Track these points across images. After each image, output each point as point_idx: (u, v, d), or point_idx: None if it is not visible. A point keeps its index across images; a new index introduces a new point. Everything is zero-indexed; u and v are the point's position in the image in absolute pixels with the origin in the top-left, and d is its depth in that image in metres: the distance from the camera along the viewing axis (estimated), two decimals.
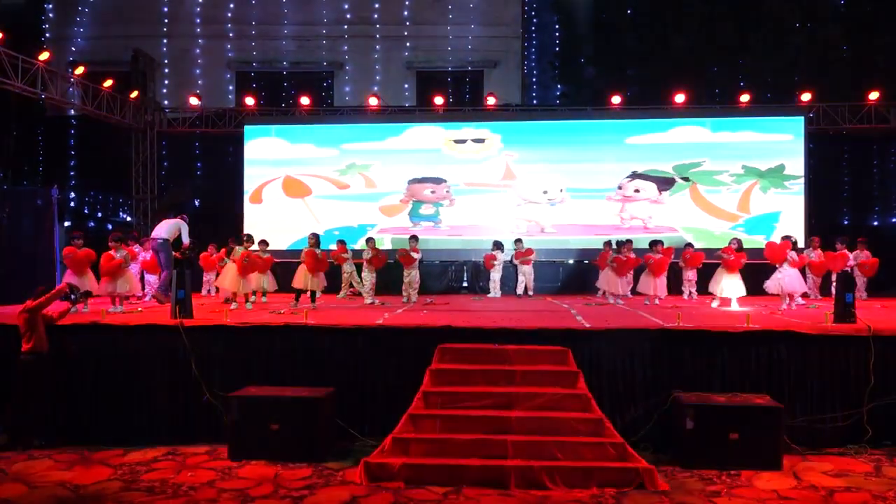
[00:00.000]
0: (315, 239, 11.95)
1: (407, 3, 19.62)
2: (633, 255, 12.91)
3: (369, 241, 13.20)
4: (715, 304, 11.58)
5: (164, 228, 11.84)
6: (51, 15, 19.97)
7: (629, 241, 13.25)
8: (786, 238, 11.68)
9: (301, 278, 11.58)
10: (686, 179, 16.28)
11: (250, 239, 11.85)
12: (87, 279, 10.72)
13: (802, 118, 16.25)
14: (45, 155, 19.15)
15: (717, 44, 18.67)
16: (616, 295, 12.83)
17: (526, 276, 14.60)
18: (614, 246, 13.30)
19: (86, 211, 18.94)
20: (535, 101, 19.54)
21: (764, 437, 7.17)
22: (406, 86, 19.62)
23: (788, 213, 15.93)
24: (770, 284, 11.39)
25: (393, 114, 17.84)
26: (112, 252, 10.85)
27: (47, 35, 19.79)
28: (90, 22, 19.77)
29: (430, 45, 19.63)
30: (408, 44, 19.66)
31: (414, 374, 7.96)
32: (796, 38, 18.75)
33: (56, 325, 8.37)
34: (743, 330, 8.21)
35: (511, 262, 14.93)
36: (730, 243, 11.75)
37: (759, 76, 18.50)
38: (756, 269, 12.06)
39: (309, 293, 11.63)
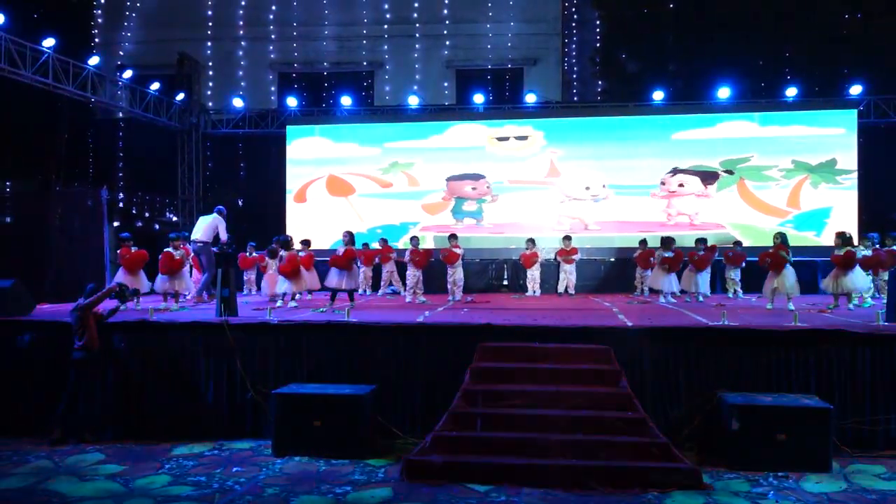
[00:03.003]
0: (349, 237, 11.94)
1: (446, 1, 19.61)
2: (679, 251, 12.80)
3: (413, 239, 13.22)
4: (769, 306, 10.86)
5: (202, 230, 12.04)
6: (100, 20, 20.48)
7: (671, 239, 13.06)
8: (840, 234, 11.03)
9: (334, 278, 11.51)
10: (729, 172, 16.01)
11: (307, 243, 12.01)
12: (139, 279, 11.08)
13: (855, 111, 15.88)
14: (95, 157, 19.63)
15: (761, 37, 18.28)
16: (665, 293, 12.60)
17: (567, 274, 14.52)
18: (649, 244, 13.20)
19: (133, 211, 19.37)
20: (575, 98, 19.36)
21: (812, 438, 7.00)
22: (446, 84, 19.64)
23: (840, 209, 15.55)
24: (828, 283, 10.80)
25: (433, 112, 17.90)
26: (172, 251, 11.20)
27: (97, 40, 20.30)
28: (137, 26, 20.21)
29: (470, 43, 19.60)
30: (447, 42, 19.67)
31: (455, 372, 7.97)
32: (844, 28, 18.25)
33: (106, 322, 8.60)
34: (790, 329, 8.04)
35: (554, 259, 14.88)
36: (774, 238, 11.09)
37: (807, 69, 18.05)
38: (805, 267, 11.75)
39: (347, 293, 11.63)
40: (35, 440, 8.20)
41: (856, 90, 16.10)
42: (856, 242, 12.62)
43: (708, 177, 16.17)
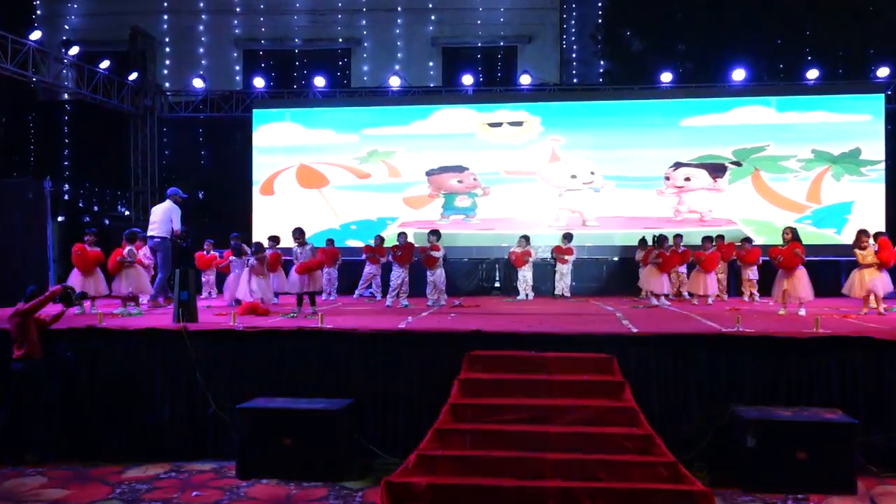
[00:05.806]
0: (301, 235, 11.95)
1: None
2: (677, 251, 13.09)
3: (400, 235, 13.24)
4: (782, 311, 10.78)
5: (158, 224, 11.52)
6: None
7: (670, 237, 13.24)
8: (862, 232, 11.14)
9: (296, 281, 11.41)
10: (738, 164, 16.09)
11: (275, 240, 11.96)
12: (96, 280, 10.94)
13: (882, 96, 15.98)
14: (37, 143, 19.47)
15: (780, 13, 18.38)
16: (658, 295, 12.72)
17: (563, 275, 14.60)
18: (650, 243, 13.23)
19: (81, 205, 19.22)
20: (575, 80, 19.40)
21: (835, 456, 7.05)
22: (431, 64, 19.62)
23: (864, 203, 15.66)
24: (851, 285, 10.90)
25: (417, 95, 17.88)
26: (121, 249, 11.08)
27: (38, 12, 20.11)
28: None
29: (458, 18, 19.59)
30: (433, 17, 19.65)
31: (441, 384, 7.96)
32: (871, 5, 18.39)
33: (50, 329, 8.51)
34: (811, 336, 8.09)
35: (551, 258, 14.93)
36: (783, 233, 10.98)
37: (829, 49, 18.18)
38: (826, 267, 11.78)
39: (308, 296, 11.48)
40: None
41: (883, 72, 16.22)
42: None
43: (715, 169, 16.25)
